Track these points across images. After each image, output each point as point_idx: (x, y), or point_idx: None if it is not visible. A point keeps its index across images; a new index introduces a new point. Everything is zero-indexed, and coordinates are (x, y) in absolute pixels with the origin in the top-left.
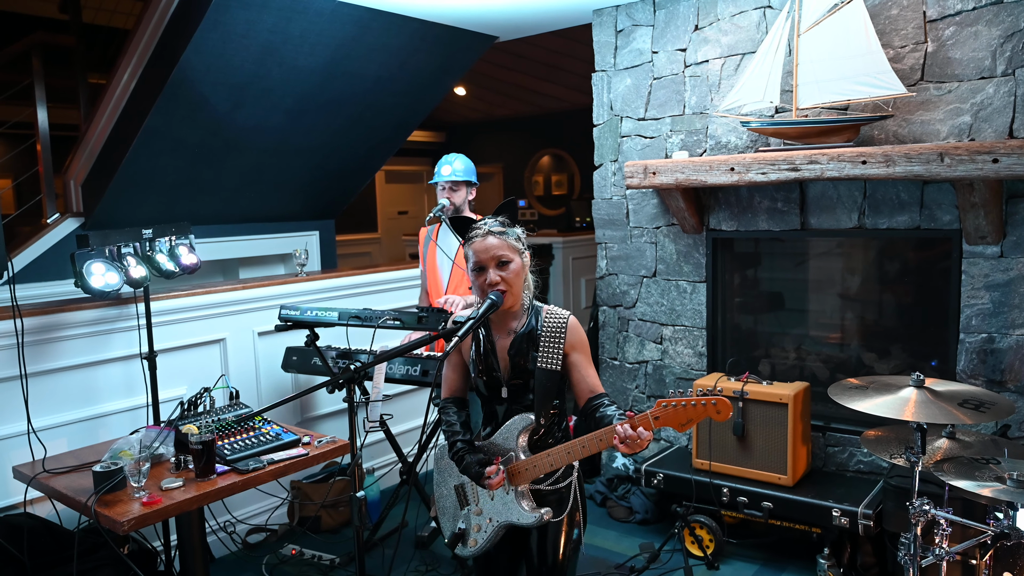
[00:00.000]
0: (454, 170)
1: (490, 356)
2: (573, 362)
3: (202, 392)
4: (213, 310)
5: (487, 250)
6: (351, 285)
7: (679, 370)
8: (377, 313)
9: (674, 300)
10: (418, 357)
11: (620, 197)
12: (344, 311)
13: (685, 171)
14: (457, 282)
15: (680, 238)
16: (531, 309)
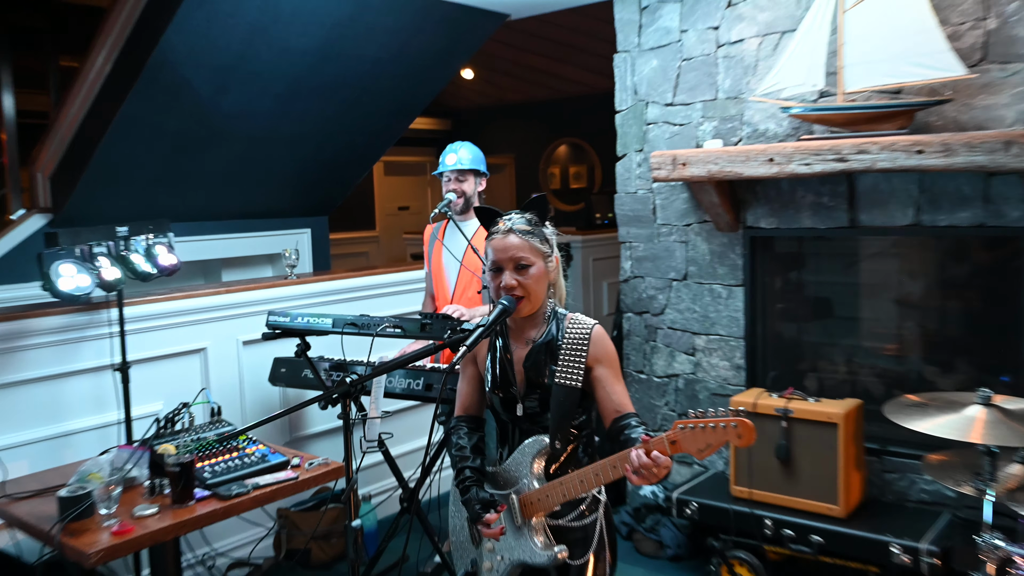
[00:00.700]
0: (460, 158)
1: (506, 369)
2: (597, 377)
3: (180, 408)
4: (194, 316)
5: (506, 249)
6: (346, 289)
7: (714, 385)
8: (375, 320)
9: (707, 306)
10: (421, 369)
11: (646, 191)
12: (339, 318)
13: (718, 162)
14: (465, 285)
15: (714, 237)
16: (552, 316)
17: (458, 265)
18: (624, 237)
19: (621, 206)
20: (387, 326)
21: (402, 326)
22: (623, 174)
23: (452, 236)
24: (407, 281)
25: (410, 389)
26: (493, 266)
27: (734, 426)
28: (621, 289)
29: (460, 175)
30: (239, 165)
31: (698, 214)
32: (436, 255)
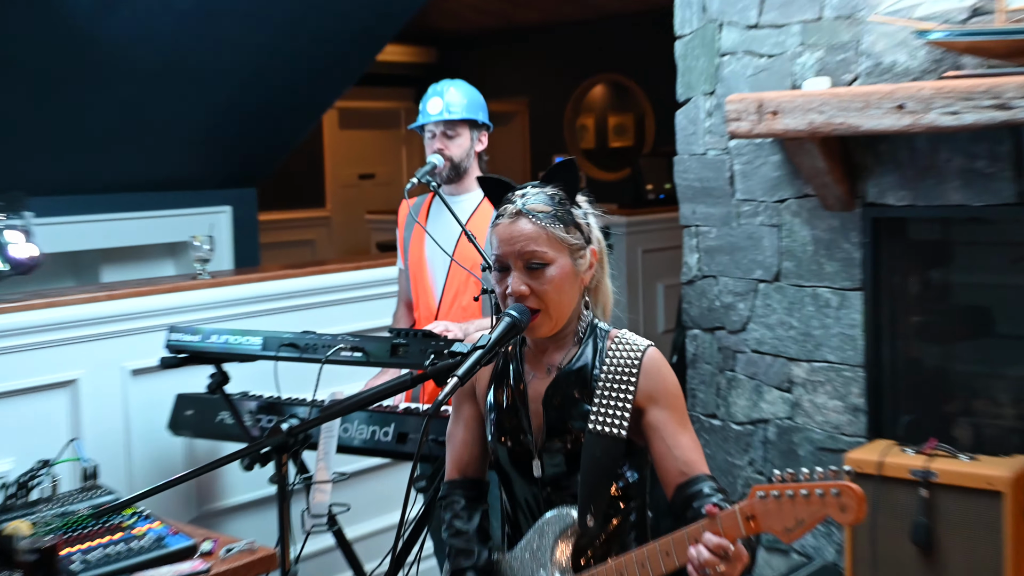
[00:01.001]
0: (448, 104)
1: (518, 408)
2: (653, 423)
3: (39, 467)
4: (60, 333)
5: (512, 240)
6: (283, 294)
7: (820, 434)
8: (325, 339)
9: (810, 319)
10: (392, 412)
11: (720, 152)
12: (272, 336)
13: (825, 109)
14: (458, 289)
15: (819, 218)
16: (588, 334)
17: (447, 260)
18: (688, 219)
19: (684, 174)
20: (342, 349)
21: (364, 348)
22: (686, 127)
23: (439, 218)
24: (372, 282)
25: (376, 441)
26: (498, 263)
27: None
28: (683, 295)
29: (449, 128)
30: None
31: (796, 185)
32: (416, 245)
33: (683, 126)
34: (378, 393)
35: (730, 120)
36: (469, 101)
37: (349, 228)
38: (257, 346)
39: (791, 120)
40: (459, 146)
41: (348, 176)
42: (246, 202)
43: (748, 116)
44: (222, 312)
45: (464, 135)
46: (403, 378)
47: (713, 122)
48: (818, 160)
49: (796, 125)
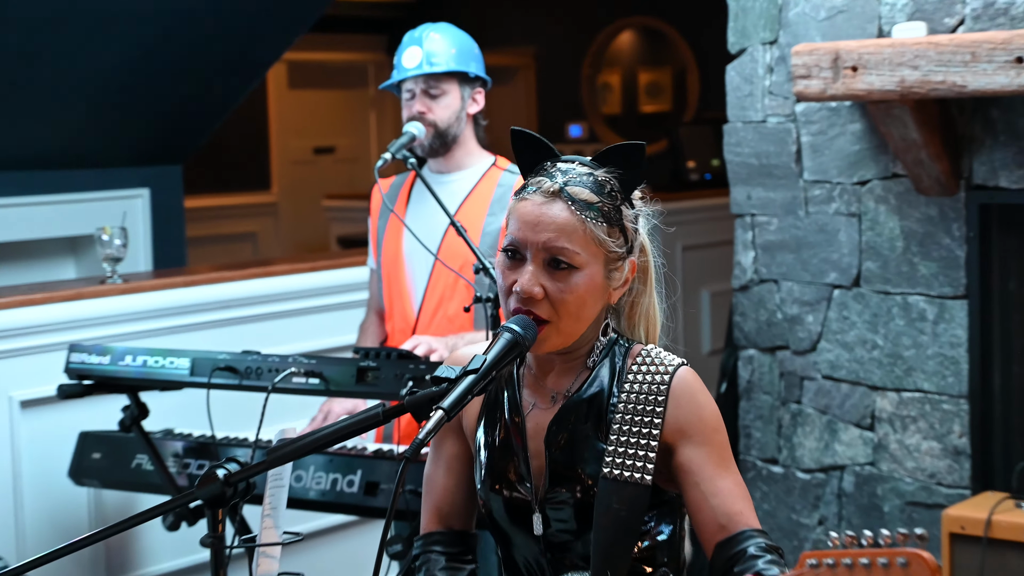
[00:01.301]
0: (429, 54)
1: (513, 447)
2: (685, 464)
3: None
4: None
5: (538, 224)
6: (217, 302)
7: (911, 484)
8: (272, 362)
9: (900, 336)
10: (359, 456)
11: (783, 119)
12: (203, 357)
13: (921, 63)
14: (444, 295)
15: (911, 205)
16: (607, 353)
17: (430, 258)
18: (742, 206)
19: (736, 147)
20: (294, 374)
21: (322, 373)
22: (739, 87)
23: (421, 205)
24: (332, 288)
25: (338, 493)
26: (511, 247)
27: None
28: (735, 304)
29: (432, 85)
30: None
31: (881, 162)
32: (391, 240)
33: (736, 85)
34: (341, 431)
35: (797, 77)
36: (457, 49)
37: (302, 218)
38: (184, 370)
39: (876, 78)
40: (446, 107)
41: (300, 150)
42: (168, 184)
43: (821, 72)
44: (138, 326)
45: (452, 93)
46: (372, 412)
47: (775, 80)
48: (911, 130)
49: (883, 84)
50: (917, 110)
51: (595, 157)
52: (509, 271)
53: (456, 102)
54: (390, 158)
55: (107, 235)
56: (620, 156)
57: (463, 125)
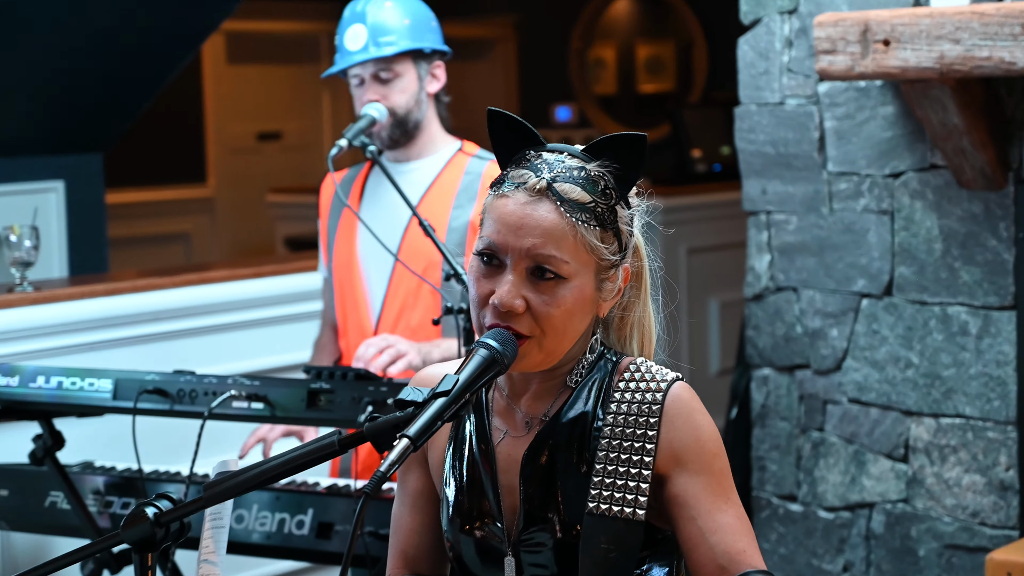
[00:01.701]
0: (374, 31)
1: (481, 480)
2: (680, 496)
3: None
4: None
5: (521, 227)
6: (144, 314)
7: (950, 524)
8: (208, 383)
9: (938, 352)
10: (309, 492)
11: (804, 101)
12: (128, 378)
13: (963, 36)
14: (406, 302)
15: (952, 200)
16: (592, 369)
17: (390, 260)
18: (755, 202)
19: (749, 134)
20: (234, 397)
21: (267, 397)
22: (754, 64)
23: (378, 199)
24: (278, 297)
25: (286, 535)
26: (487, 252)
27: None
28: (748, 317)
29: (383, 69)
30: None
31: (918, 152)
32: (344, 240)
33: (749, 61)
34: (290, 463)
35: (820, 53)
36: (410, 21)
37: (243, 215)
38: (106, 393)
39: (912, 53)
40: (402, 92)
41: (241, 136)
42: (87, 176)
43: (848, 47)
44: (52, 342)
45: (407, 75)
46: (325, 442)
47: (794, 56)
48: (952, 113)
49: (919, 61)
50: (959, 91)
51: (588, 148)
52: (484, 279)
53: (413, 84)
54: (346, 145)
55: (15, 235)
56: (617, 149)
57: (424, 107)
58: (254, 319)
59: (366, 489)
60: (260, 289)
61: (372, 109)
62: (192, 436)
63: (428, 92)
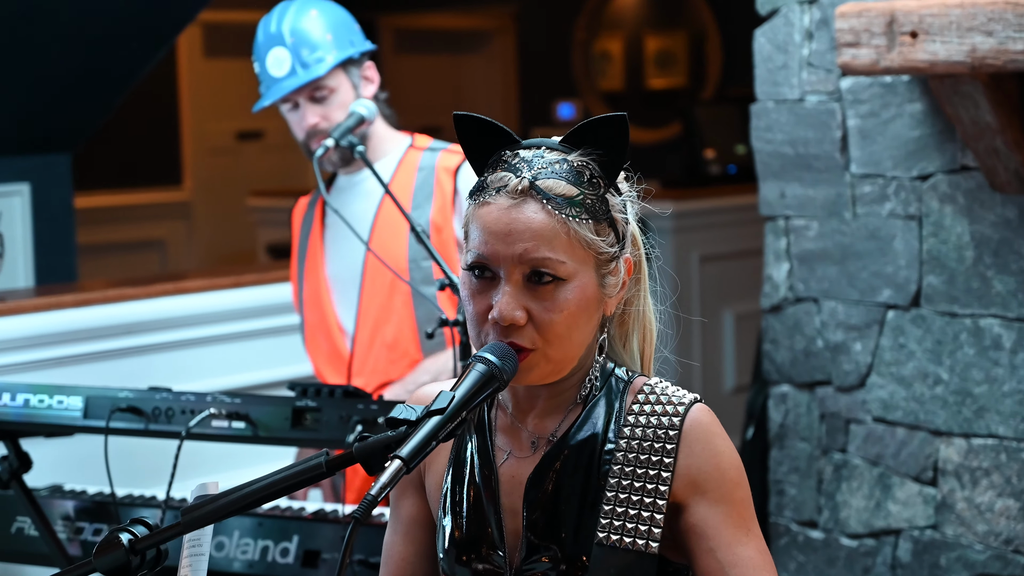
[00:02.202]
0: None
1: (482, 506)
2: (698, 526)
3: None
4: None
5: (510, 234)
6: (117, 327)
7: (982, 552)
8: (186, 401)
9: (969, 368)
10: (294, 518)
11: (825, 97)
12: (100, 395)
13: (996, 28)
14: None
15: (985, 205)
16: (600, 384)
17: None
18: (773, 207)
19: (767, 132)
20: (213, 415)
21: (249, 416)
22: (771, 57)
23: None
24: (260, 309)
25: (269, 563)
26: (478, 265)
27: None
28: (766, 329)
29: (317, 88)
30: None
31: (947, 152)
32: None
33: (767, 55)
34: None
35: (843, 45)
36: (331, 31)
37: (221, 220)
38: (76, 411)
39: (941, 46)
40: (342, 106)
41: (219, 135)
42: (54, 178)
43: (872, 39)
44: (18, 357)
45: (342, 88)
46: (311, 464)
47: (815, 48)
48: (984, 111)
49: (950, 54)
50: (992, 87)
51: (566, 138)
52: (480, 294)
53: (349, 95)
54: (333, 145)
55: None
56: (598, 133)
57: (359, 113)
58: (234, 332)
59: (356, 514)
60: (240, 300)
61: (360, 106)
62: (168, 458)
63: (364, 95)
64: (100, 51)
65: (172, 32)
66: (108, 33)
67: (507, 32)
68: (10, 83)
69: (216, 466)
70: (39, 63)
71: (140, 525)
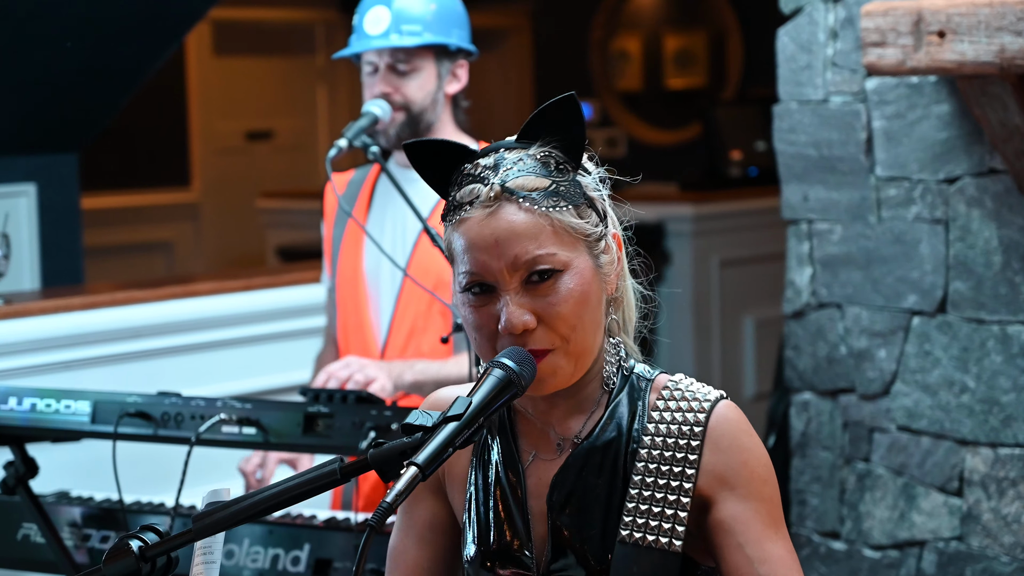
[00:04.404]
0: (398, 18)
1: (509, 507)
2: (726, 522)
3: None
4: None
5: (495, 244)
6: (125, 330)
7: (1009, 565)
8: (196, 406)
9: (996, 377)
10: (306, 526)
11: (849, 98)
12: (108, 400)
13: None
14: (416, 324)
15: (1013, 209)
16: (619, 380)
17: (397, 279)
18: (796, 210)
19: (789, 134)
20: (224, 421)
21: (260, 421)
22: (795, 57)
23: (386, 209)
24: (270, 313)
25: (280, 573)
26: (470, 282)
27: None
28: (787, 336)
29: (402, 60)
30: None
31: (975, 155)
32: (348, 252)
33: (790, 54)
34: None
35: (869, 45)
36: (437, 10)
37: (230, 222)
38: (84, 416)
39: (969, 46)
40: (419, 88)
41: (229, 135)
42: (61, 179)
43: (899, 39)
44: (24, 360)
45: (426, 70)
46: (328, 468)
47: (840, 48)
48: (1013, 113)
49: (978, 54)
50: (1021, 88)
51: (520, 135)
52: (482, 308)
53: (431, 81)
54: (346, 146)
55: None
56: (550, 120)
57: (440, 109)
58: (244, 336)
59: (371, 522)
60: (250, 303)
61: (374, 106)
62: (178, 464)
63: (446, 92)
64: (107, 49)
65: (181, 29)
66: (115, 30)
67: (522, 30)
68: (16, 82)
69: (226, 472)
70: (45, 61)
71: (150, 532)
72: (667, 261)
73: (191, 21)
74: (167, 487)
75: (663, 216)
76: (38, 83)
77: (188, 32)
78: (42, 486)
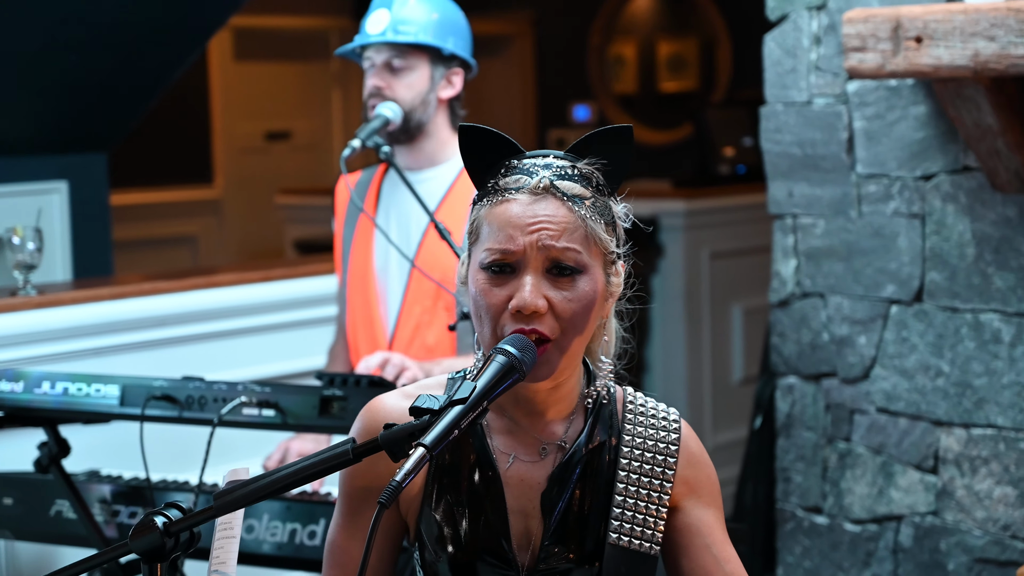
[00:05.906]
0: (397, 19)
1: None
2: (695, 526)
3: None
4: None
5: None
6: (151, 319)
7: (981, 538)
8: (218, 390)
9: (969, 361)
10: (322, 502)
11: (832, 100)
12: (136, 384)
13: (999, 34)
14: (423, 318)
15: (986, 204)
16: (596, 394)
17: (405, 273)
18: (781, 205)
19: (776, 134)
20: (244, 404)
21: (278, 404)
22: (780, 61)
23: (393, 205)
24: (288, 302)
25: (297, 546)
26: (495, 260)
27: None
28: (772, 323)
29: (396, 56)
30: None
31: (950, 153)
32: (359, 247)
33: (776, 59)
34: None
35: (850, 50)
36: (438, 18)
37: (251, 217)
38: (113, 400)
39: (945, 51)
40: (408, 87)
41: (249, 135)
42: (91, 176)
43: (878, 44)
44: (57, 347)
45: (418, 71)
46: (341, 449)
47: (823, 53)
48: (986, 113)
49: (953, 59)
50: (994, 90)
51: (573, 147)
52: (497, 288)
53: (423, 82)
54: (359, 146)
55: (18, 237)
56: (604, 144)
57: (431, 111)
58: (264, 324)
59: (381, 499)
60: (270, 293)
61: (386, 109)
62: (201, 444)
63: (440, 96)
64: (135, 54)
65: (204, 36)
66: (143, 37)
67: (526, 37)
68: (49, 85)
69: (247, 452)
70: (76, 65)
71: (174, 508)
72: (660, 253)
73: (213, 28)
74: (191, 466)
75: (657, 211)
76: (69, 87)
77: (210, 39)
78: (74, 465)
